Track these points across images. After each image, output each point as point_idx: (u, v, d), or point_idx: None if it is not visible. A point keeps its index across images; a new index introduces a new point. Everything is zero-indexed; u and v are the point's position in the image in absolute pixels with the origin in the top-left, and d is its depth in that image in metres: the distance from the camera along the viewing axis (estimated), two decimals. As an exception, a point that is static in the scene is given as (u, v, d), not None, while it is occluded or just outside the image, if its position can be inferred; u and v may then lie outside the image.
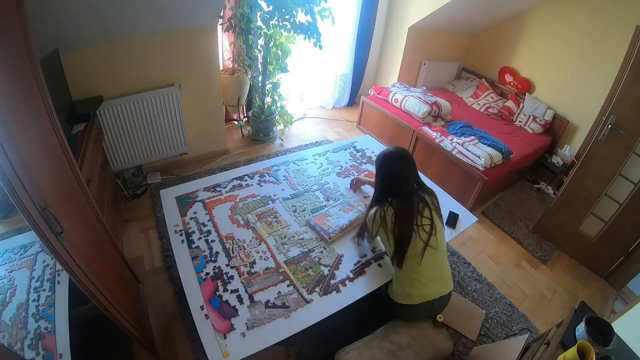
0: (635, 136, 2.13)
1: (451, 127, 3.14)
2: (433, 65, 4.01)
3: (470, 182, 2.70)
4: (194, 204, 1.79)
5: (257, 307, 1.35)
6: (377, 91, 3.58)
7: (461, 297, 2.09)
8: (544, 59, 3.52)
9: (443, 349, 1.45)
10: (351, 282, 1.50)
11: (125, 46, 2.17)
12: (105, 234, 1.48)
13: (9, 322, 1.13)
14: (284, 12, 2.59)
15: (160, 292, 1.90)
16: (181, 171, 2.81)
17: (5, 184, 0.75)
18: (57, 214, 0.93)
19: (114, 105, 2.25)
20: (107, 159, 2.34)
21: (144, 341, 1.45)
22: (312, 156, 2.31)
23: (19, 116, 0.91)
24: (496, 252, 2.52)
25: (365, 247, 1.67)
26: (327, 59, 3.72)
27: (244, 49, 2.86)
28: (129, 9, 1.95)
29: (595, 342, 1.14)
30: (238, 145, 3.25)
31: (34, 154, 0.97)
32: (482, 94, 3.92)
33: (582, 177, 2.42)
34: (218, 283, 1.42)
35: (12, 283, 1.26)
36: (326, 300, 1.42)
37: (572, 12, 3.20)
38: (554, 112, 3.46)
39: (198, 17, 2.29)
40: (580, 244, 2.54)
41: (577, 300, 2.18)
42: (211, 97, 2.77)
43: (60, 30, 1.82)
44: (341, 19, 3.44)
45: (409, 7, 3.56)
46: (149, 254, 2.13)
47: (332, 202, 1.92)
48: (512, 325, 1.99)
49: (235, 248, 1.57)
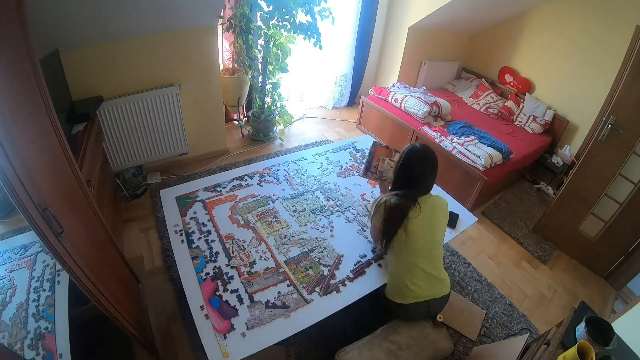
0: (635, 136, 2.13)
1: (451, 127, 3.14)
2: (433, 65, 4.01)
3: (470, 182, 2.70)
4: (193, 204, 1.79)
5: (257, 307, 1.35)
6: (377, 91, 3.58)
7: (461, 297, 2.09)
8: (544, 58, 3.52)
9: (443, 349, 1.45)
10: (351, 282, 1.50)
11: (125, 46, 2.17)
12: (105, 234, 1.48)
13: (9, 322, 1.13)
14: (284, 12, 2.59)
15: (160, 292, 1.90)
16: (181, 171, 2.81)
17: (5, 184, 0.75)
18: (57, 214, 0.93)
19: (114, 105, 2.25)
20: (107, 159, 2.34)
21: (144, 341, 1.45)
22: (312, 156, 2.31)
23: (19, 116, 0.91)
24: (496, 252, 2.52)
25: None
26: (327, 59, 3.72)
27: (244, 49, 2.86)
28: (129, 8, 1.95)
29: (595, 342, 1.14)
30: (238, 145, 3.25)
31: (34, 154, 0.97)
32: (482, 94, 3.92)
33: (582, 177, 2.42)
34: (218, 283, 1.42)
35: (12, 283, 1.26)
36: (326, 300, 1.42)
37: (572, 12, 3.20)
38: (554, 112, 3.46)
39: (198, 17, 2.29)
40: (580, 244, 2.54)
41: (577, 300, 2.18)
42: (211, 97, 2.77)
43: (60, 30, 1.82)
44: (341, 19, 3.44)
45: (409, 7, 3.56)
46: (149, 254, 2.13)
47: (331, 201, 1.92)
48: (512, 325, 1.99)
49: (235, 248, 1.57)
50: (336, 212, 1.86)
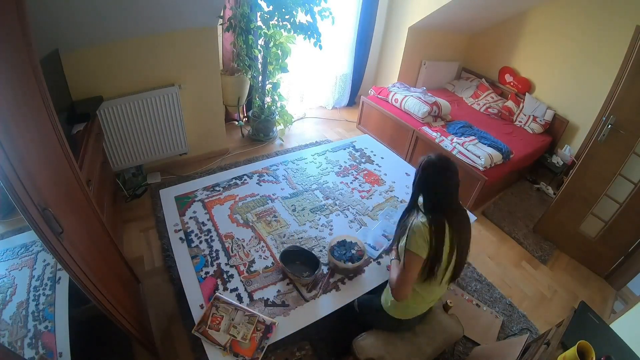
0: (635, 136, 2.13)
1: (451, 127, 3.14)
2: (433, 65, 4.01)
3: (470, 182, 2.70)
4: (193, 204, 1.79)
5: (256, 305, 1.35)
6: (377, 91, 3.58)
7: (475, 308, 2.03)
8: (544, 58, 3.52)
9: (455, 334, 1.50)
10: (350, 281, 1.51)
11: (125, 46, 2.17)
12: (105, 234, 1.48)
13: (9, 321, 1.13)
14: (284, 12, 2.59)
15: (160, 292, 1.91)
16: (181, 171, 2.81)
17: (5, 184, 0.75)
18: (57, 214, 0.93)
19: (114, 105, 2.25)
20: (107, 159, 2.34)
21: (144, 341, 1.45)
22: (311, 156, 2.31)
23: (18, 116, 0.91)
24: (496, 252, 2.52)
25: (369, 251, 1.64)
26: (327, 59, 3.72)
27: (244, 49, 2.86)
28: (129, 8, 1.95)
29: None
30: (238, 145, 3.25)
31: (34, 154, 0.97)
32: (482, 94, 3.92)
33: (582, 177, 2.42)
34: (218, 282, 1.42)
35: (13, 282, 1.26)
36: (326, 298, 1.42)
37: (572, 11, 3.19)
38: (554, 112, 3.45)
39: (198, 17, 2.30)
40: (580, 244, 2.54)
41: (577, 300, 2.17)
42: (211, 97, 2.77)
43: (60, 30, 1.82)
44: (341, 19, 3.44)
45: (409, 7, 3.56)
46: (149, 254, 2.13)
47: (330, 200, 1.92)
48: (512, 325, 1.98)
49: (235, 247, 1.58)
50: (335, 211, 1.86)
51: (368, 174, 2.19)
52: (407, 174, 2.24)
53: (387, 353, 1.36)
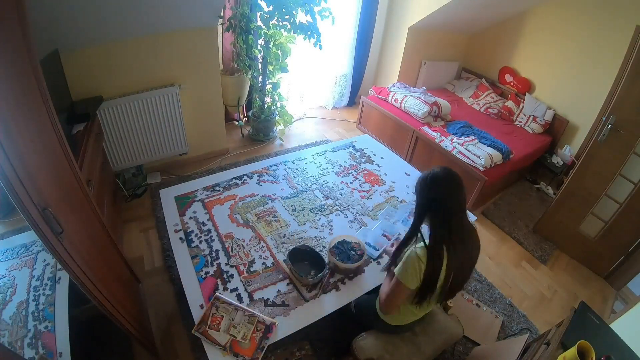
0: (635, 136, 2.13)
1: (451, 127, 3.14)
2: (433, 65, 4.01)
3: (470, 182, 2.70)
4: (193, 204, 1.79)
5: (256, 305, 1.35)
6: (377, 91, 3.58)
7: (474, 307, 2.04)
8: (544, 58, 3.52)
9: (455, 334, 1.50)
10: (350, 281, 1.51)
11: (125, 46, 2.17)
12: (105, 234, 1.48)
13: (9, 321, 1.13)
14: (284, 12, 2.59)
15: (160, 292, 1.91)
16: (181, 171, 2.81)
17: (5, 184, 0.75)
18: (57, 214, 0.93)
19: (114, 105, 2.25)
20: (107, 159, 2.34)
21: (144, 341, 1.45)
22: (311, 156, 2.31)
23: (19, 116, 0.91)
24: (496, 252, 2.52)
25: (370, 251, 1.64)
26: (327, 59, 3.72)
27: (244, 49, 2.86)
28: (129, 8, 1.95)
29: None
30: (238, 145, 3.25)
31: (34, 153, 0.97)
32: (482, 94, 3.92)
33: (582, 177, 2.42)
34: (218, 282, 1.42)
35: (13, 282, 1.26)
36: (326, 298, 1.42)
37: (572, 11, 3.19)
38: (554, 112, 3.45)
39: (198, 17, 2.30)
40: (580, 244, 2.54)
41: (577, 300, 2.17)
42: (211, 97, 2.77)
43: (60, 30, 1.82)
44: (341, 19, 3.44)
45: (409, 7, 3.56)
46: (149, 254, 2.13)
47: (330, 200, 1.92)
48: (512, 325, 1.98)
49: (235, 247, 1.58)
50: (335, 211, 1.86)
51: (368, 174, 2.19)
52: (407, 174, 2.23)
53: (387, 353, 1.36)
